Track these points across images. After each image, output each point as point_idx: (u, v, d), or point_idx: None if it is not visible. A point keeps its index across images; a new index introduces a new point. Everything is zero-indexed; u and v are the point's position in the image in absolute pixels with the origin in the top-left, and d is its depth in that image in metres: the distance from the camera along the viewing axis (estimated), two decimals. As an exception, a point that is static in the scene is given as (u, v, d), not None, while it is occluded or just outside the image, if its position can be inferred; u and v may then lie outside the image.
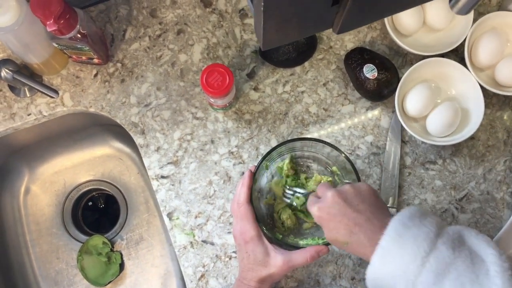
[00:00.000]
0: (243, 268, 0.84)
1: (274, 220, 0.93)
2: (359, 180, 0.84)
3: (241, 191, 0.84)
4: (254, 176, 0.86)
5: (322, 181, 0.91)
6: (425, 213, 0.68)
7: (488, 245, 0.65)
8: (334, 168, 0.92)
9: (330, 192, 0.73)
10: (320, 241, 0.86)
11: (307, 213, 0.92)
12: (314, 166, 0.95)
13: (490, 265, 0.62)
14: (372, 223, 0.68)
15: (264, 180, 0.93)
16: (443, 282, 0.61)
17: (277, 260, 0.81)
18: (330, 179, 0.91)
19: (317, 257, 0.82)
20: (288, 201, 0.90)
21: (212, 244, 0.94)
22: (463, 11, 0.39)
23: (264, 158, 0.86)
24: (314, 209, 0.74)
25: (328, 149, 0.88)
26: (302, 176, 0.94)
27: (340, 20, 0.40)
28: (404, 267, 0.63)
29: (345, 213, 0.70)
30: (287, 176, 0.93)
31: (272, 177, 0.94)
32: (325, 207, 0.72)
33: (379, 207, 0.72)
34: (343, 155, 0.86)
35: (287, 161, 0.92)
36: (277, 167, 0.93)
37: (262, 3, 0.37)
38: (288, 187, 0.91)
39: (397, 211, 0.89)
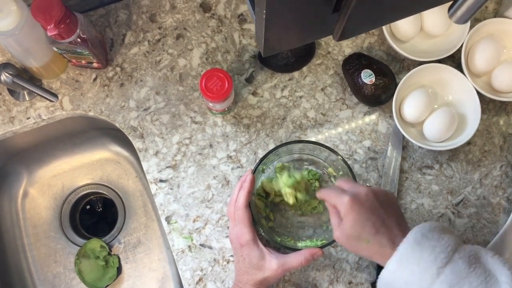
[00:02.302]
0: (239, 271, 0.84)
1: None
2: None
3: (241, 195, 0.85)
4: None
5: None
6: (445, 229, 0.70)
7: (503, 265, 0.66)
8: (330, 170, 0.93)
9: (364, 188, 0.72)
10: (319, 243, 0.86)
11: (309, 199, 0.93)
12: (312, 169, 0.96)
13: (503, 284, 0.63)
14: (397, 228, 0.70)
15: (260, 183, 0.94)
16: None
17: (272, 264, 0.82)
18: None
19: (312, 259, 0.82)
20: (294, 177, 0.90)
21: (210, 248, 0.94)
22: (462, 21, 0.39)
23: (261, 161, 0.87)
24: (345, 198, 0.71)
25: (326, 152, 0.89)
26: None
27: (341, 28, 0.41)
28: (419, 275, 0.64)
29: (376, 212, 0.70)
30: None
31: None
32: (358, 199, 0.71)
33: (402, 217, 0.73)
34: (340, 157, 0.86)
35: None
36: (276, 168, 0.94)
37: (264, 11, 0.37)
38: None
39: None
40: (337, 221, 0.73)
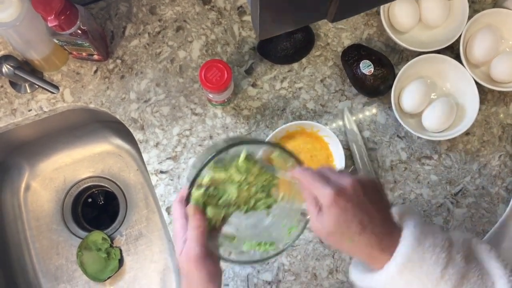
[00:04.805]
0: None
1: None
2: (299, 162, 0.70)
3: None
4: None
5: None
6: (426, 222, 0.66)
7: (495, 258, 0.63)
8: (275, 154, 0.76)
9: (350, 180, 0.62)
10: (268, 247, 0.73)
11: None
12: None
13: (497, 278, 0.61)
14: (386, 225, 0.63)
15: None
16: None
17: (182, 255, 0.66)
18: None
19: (193, 218, 0.66)
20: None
21: (211, 238, 0.95)
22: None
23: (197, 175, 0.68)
24: (328, 191, 0.61)
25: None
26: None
27: (335, 9, 0.41)
28: (422, 278, 0.60)
29: (364, 208, 0.62)
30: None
31: None
32: (344, 194, 0.61)
33: (388, 209, 0.65)
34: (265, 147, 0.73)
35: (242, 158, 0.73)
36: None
37: (258, -8, 0.38)
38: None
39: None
40: (315, 211, 0.64)
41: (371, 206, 0.62)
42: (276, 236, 0.73)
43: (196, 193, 0.70)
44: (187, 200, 0.68)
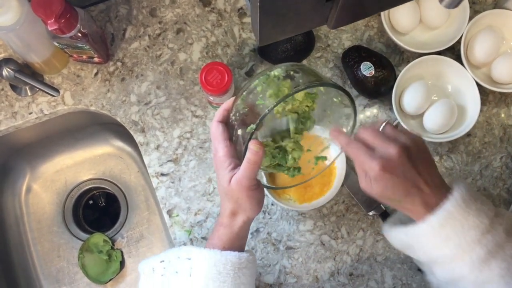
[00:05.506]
0: (220, 201, 0.75)
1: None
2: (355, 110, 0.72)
3: (217, 111, 0.71)
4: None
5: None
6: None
7: None
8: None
9: (395, 149, 0.65)
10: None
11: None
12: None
13: None
14: (428, 186, 0.66)
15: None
16: (490, 261, 0.63)
17: (232, 184, 0.68)
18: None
19: (256, 154, 0.66)
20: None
21: (212, 240, 0.95)
22: (452, 5, 0.40)
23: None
24: (374, 164, 0.64)
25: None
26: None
27: (334, 16, 0.41)
28: (460, 236, 0.63)
29: (408, 174, 0.65)
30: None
31: None
32: (390, 166, 0.64)
33: (433, 167, 0.69)
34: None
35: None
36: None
37: (258, -1, 0.38)
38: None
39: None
40: (363, 174, 0.67)
41: (416, 171, 0.65)
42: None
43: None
44: (251, 136, 0.65)
